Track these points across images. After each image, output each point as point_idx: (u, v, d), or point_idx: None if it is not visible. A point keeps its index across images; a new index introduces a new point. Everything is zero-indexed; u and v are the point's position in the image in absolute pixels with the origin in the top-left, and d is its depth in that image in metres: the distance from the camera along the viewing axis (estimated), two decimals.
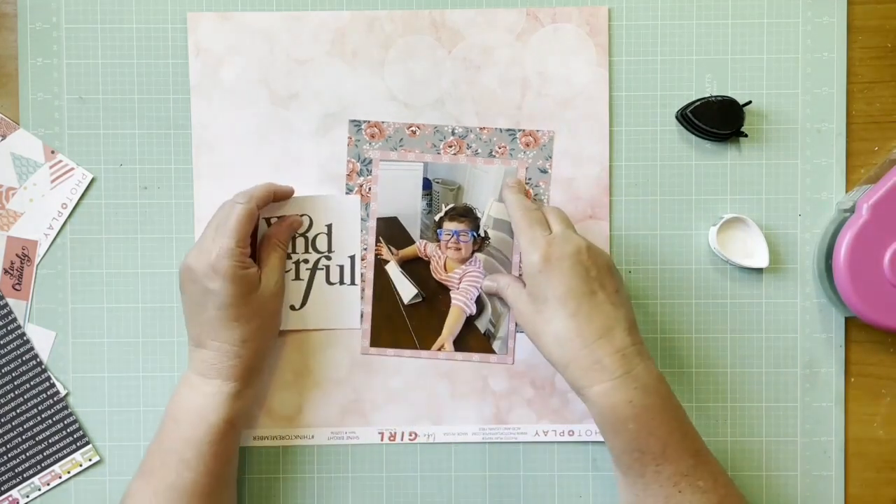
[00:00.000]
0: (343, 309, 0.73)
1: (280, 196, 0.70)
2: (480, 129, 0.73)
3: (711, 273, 0.73)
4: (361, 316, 0.73)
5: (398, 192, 0.73)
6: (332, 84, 0.72)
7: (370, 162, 0.73)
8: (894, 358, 0.73)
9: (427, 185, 0.73)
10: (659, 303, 0.73)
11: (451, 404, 0.74)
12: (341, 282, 0.73)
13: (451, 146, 0.73)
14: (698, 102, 0.72)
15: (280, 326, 0.71)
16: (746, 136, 0.72)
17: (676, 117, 0.73)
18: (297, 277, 0.73)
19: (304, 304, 0.73)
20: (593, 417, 0.64)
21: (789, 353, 0.73)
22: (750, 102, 0.72)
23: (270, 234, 0.71)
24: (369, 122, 0.73)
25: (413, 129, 0.73)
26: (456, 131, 0.73)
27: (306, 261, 0.73)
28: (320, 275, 0.73)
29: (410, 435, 0.74)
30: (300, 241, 0.73)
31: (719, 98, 0.72)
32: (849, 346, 0.73)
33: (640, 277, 0.73)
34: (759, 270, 0.73)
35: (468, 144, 0.73)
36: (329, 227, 0.73)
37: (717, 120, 0.72)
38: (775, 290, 0.73)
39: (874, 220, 0.68)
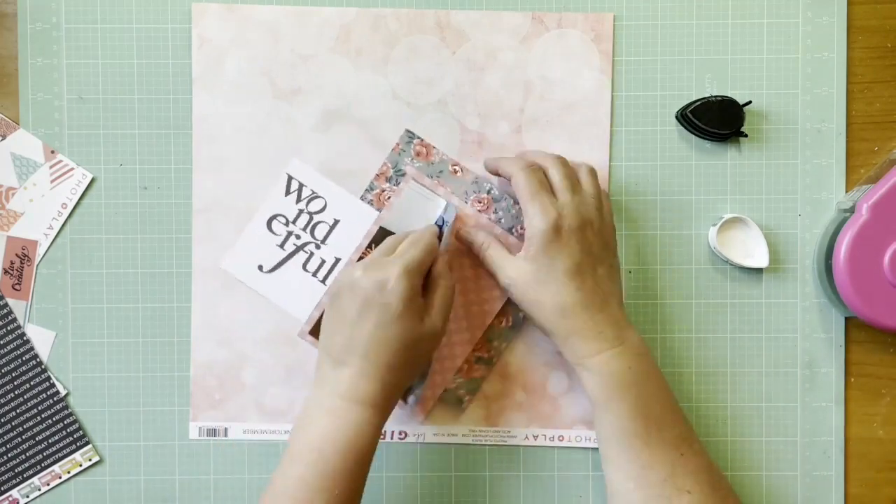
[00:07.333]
0: (300, 298, 0.73)
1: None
2: (514, 203, 0.72)
3: (711, 273, 0.73)
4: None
5: (411, 214, 0.72)
6: (335, 80, 0.72)
7: (403, 174, 0.73)
8: (894, 358, 0.74)
9: (439, 221, 0.71)
10: (659, 303, 0.73)
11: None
12: (315, 274, 0.73)
13: (480, 202, 0.72)
14: (698, 102, 0.72)
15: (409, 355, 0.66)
16: (746, 136, 0.72)
17: (676, 117, 0.73)
18: (282, 247, 0.73)
19: (272, 271, 0.73)
20: (592, 389, 0.65)
21: (789, 353, 0.73)
22: (750, 102, 0.72)
23: (437, 272, 0.67)
24: (422, 140, 0.72)
25: (456, 167, 0.72)
26: (492, 192, 0.72)
27: (298, 237, 0.73)
28: (301, 256, 0.73)
29: (400, 434, 0.73)
30: (304, 217, 0.73)
31: (719, 98, 0.72)
32: (849, 346, 0.73)
33: (640, 277, 0.73)
34: (759, 270, 0.73)
35: (496, 210, 0.72)
36: (336, 221, 0.73)
37: (717, 120, 0.72)
38: (775, 290, 0.73)
39: (874, 220, 0.68)
